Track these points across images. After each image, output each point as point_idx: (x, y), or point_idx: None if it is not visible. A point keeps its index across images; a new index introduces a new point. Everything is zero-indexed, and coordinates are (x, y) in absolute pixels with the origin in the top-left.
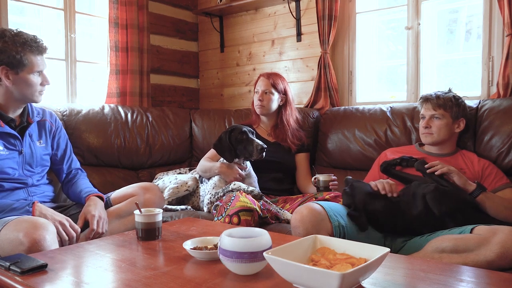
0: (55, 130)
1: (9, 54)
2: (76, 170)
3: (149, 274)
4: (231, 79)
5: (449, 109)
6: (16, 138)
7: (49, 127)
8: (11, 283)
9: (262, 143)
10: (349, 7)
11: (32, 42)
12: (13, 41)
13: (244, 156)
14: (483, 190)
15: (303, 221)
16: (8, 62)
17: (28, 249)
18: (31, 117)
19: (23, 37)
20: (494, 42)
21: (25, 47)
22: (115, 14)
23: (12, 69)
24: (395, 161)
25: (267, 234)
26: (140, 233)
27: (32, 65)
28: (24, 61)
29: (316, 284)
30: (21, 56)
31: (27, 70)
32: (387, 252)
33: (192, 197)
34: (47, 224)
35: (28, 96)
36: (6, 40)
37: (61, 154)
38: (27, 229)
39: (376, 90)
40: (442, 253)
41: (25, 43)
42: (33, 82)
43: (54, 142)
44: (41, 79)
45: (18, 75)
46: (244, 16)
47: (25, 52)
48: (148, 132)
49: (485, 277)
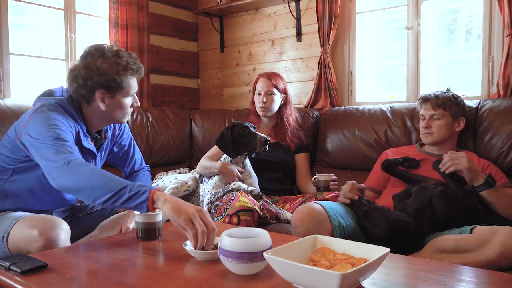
0: (117, 134)
1: (110, 78)
2: (138, 170)
3: (149, 274)
4: (231, 79)
5: (449, 108)
6: (94, 156)
7: (112, 134)
8: (11, 283)
9: (265, 136)
10: (349, 7)
11: (133, 65)
12: (116, 63)
13: (247, 151)
14: (490, 187)
15: (303, 221)
16: (107, 86)
17: (43, 247)
18: (106, 132)
19: (125, 59)
20: (494, 42)
21: (127, 70)
22: (115, 14)
23: (110, 93)
24: (397, 160)
25: (267, 234)
26: (140, 233)
27: (129, 88)
28: (123, 85)
29: (316, 284)
30: (122, 79)
31: (123, 93)
32: (387, 252)
33: (192, 197)
34: (62, 223)
35: (117, 119)
36: (108, 61)
37: (123, 155)
38: (42, 226)
39: (376, 90)
40: (442, 253)
41: (127, 66)
42: (126, 105)
43: (114, 146)
44: (132, 100)
45: (114, 98)
46: (244, 16)
47: (126, 75)
48: (148, 132)
49: (485, 277)
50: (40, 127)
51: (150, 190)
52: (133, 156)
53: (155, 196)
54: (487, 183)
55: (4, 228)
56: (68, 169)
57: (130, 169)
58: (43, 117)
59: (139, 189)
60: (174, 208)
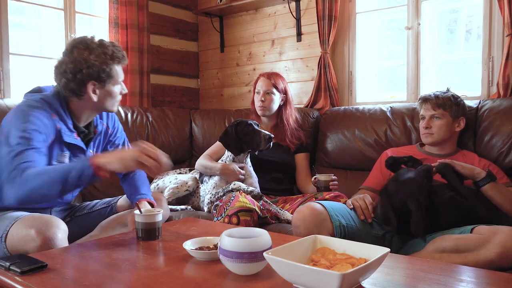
0: (110, 133)
1: (99, 69)
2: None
3: (149, 274)
4: (231, 79)
5: (449, 108)
6: (83, 151)
7: (105, 131)
8: (11, 283)
9: (269, 133)
10: (349, 7)
11: (118, 53)
12: (103, 53)
13: (251, 148)
14: (492, 180)
15: (304, 220)
16: (98, 77)
17: (40, 246)
18: (95, 126)
19: (110, 49)
20: (494, 42)
21: (114, 59)
22: (115, 14)
23: (100, 83)
24: (402, 158)
25: (267, 234)
26: (140, 233)
27: (117, 76)
28: (112, 74)
29: (316, 284)
30: (110, 69)
31: (113, 82)
32: (387, 252)
33: (192, 197)
34: (59, 222)
35: (108, 108)
36: (95, 52)
37: None
38: (39, 226)
39: (376, 90)
40: (443, 253)
41: (113, 55)
42: (116, 93)
43: (108, 145)
44: (120, 88)
45: (105, 88)
46: (244, 16)
47: (113, 64)
48: (148, 132)
49: (485, 277)
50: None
51: (89, 161)
52: None
53: (97, 163)
54: (489, 175)
55: (3, 228)
56: (16, 184)
57: None
58: (19, 115)
59: (81, 166)
60: (120, 161)
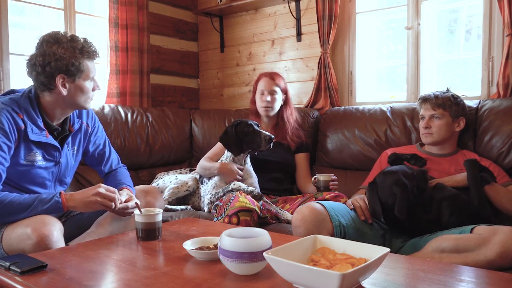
0: (91, 132)
1: (67, 62)
2: (116, 168)
3: (149, 274)
4: (231, 79)
5: (448, 108)
6: (57, 149)
7: (85, 130)
8: (11, 283)
9: (269, 133)
10: (349, 7)
11: (88, 48)
12: (72, 47)
13: (252, 148)
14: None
15: (304, 220)
16: (66, 70)
17: (36, 244)
18: (72, 125)
19: (80, 42)
20: (494, 42)
21: (83, 53)
22: (115, 14)
23: (70, 77)
24: (405, 156)
25: (267, 234)
26: (140, 233)
27: (88, 71)
28: (81, 68)
29: (316, 284)
30: (80, 63)
31: (83, 77)
32: (387, 252)
33: (193, 197)
34: (54, 221)
35: (80, 103)
36: (64, 46)
37: (98, 155)
38: (35, 224)
39: (376, 90)
40: (442, 253)
41: (83, 49)
42: (87, 89)
43: (89, 145)
44: (93, 85)
45: (75, 82)
46: (244, 16)
47: (83, 58)
48: (148, 132)
49: (485, 277)
50: None
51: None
52: (110, 155)
53: (67, 207)
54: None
55: None
56: None
57: (108, 168)
58: None
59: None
60: (85, 206)
